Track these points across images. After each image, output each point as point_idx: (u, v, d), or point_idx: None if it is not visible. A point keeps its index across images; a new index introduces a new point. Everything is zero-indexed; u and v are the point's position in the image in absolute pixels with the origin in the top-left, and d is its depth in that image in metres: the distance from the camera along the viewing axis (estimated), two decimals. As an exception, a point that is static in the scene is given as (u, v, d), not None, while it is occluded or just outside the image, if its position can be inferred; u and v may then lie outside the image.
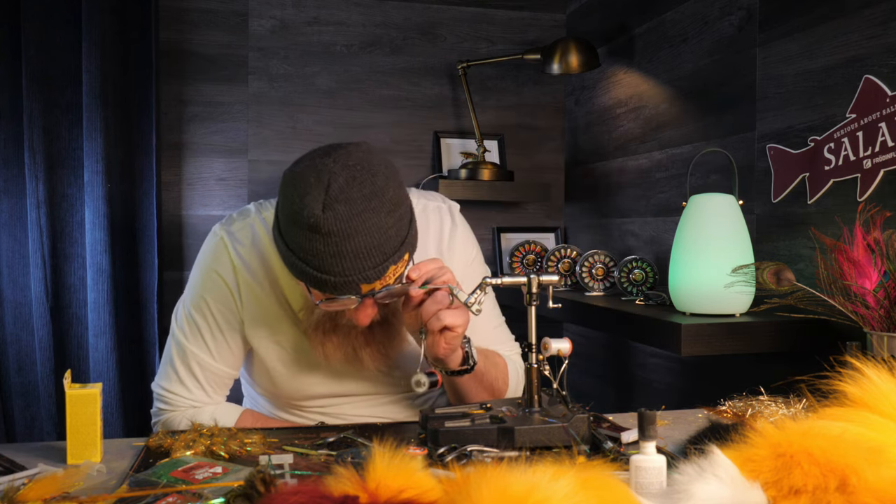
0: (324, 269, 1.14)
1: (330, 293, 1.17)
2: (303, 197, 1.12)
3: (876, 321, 1.31)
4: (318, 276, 1.14)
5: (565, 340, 1.22)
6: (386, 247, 1.15)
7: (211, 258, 1.41)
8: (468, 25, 2.91)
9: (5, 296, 2.40)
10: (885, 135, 1.53)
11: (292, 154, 2.74)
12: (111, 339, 2.38)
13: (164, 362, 1.46)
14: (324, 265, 1.13)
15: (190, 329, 1.42)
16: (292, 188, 1.15)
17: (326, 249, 1.12)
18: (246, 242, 1.40)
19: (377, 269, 1.15)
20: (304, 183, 1.13)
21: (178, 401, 1.44)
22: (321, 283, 1.15)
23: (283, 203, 1.17)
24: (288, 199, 1.15)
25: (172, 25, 2.65)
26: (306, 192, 1.12)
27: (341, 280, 1.14)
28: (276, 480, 0.77)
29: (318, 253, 1.13)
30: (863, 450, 0.81)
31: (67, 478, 0.96)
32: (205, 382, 1.43)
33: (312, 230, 1.12)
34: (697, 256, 1.70)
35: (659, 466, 0.87)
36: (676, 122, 2.28)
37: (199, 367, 1.42)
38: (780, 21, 1.84)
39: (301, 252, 1.14)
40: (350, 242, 1.12)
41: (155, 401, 1.47)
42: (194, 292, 1.42)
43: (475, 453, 1.06)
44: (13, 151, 2.40)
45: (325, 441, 1.15)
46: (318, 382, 1.44)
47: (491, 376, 1.42)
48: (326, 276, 1.14)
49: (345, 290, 1.16)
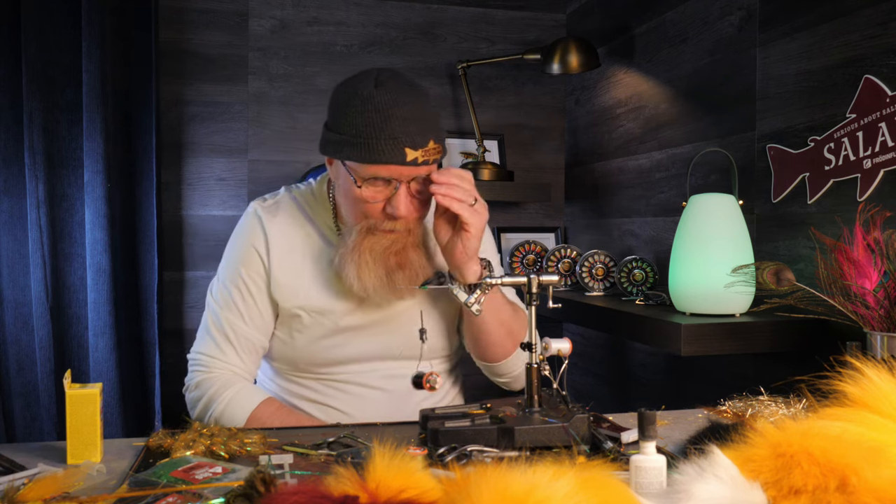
0: (374, 135, 1.30)
1: (377, 159, 1.31)
2: (355, 86, 1.34)
3: (876, 321, 1.31)
4: (369, 142, 1.30)
5: (565, 340, 1.22)
6: (427, 122, 1.33)
7: (242, 229, 1.54)
8: (468, 25, 2.91)
9: (5, 296, 2.40)
10: (885, 135, 1.53)
11: (292, 154, 2.76)
12: (111, 339, 2.38)
13: (200, 332, 1.54)
14: (374, 131, 1.30)
15: (223, 298, 1.51)
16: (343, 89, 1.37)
17: (377, 116, 1.30)
18: (277, 213, 1.52)
19: (421, 137, 1.32)
20: (354, 79, 1.37)
21: (213, 363, 1.50)
22: (371, 149, 1.30)
23: (335, 103, 1.38)
24: (340, 97, 1.36)
25: (172, 25, 2.65)
26: (357, 82, 1.34)
27: (390, 143, 1.30)
28: (276, 480, 0.77)
29: (370, 122, 1.30)
30: (863, 450, 0.81)
31: (67, 478, 0.96)
32: (238, 347, 1.50)
33: (365, 102, 1.31)
34: (697, 256, 1.70)
35: (659, 466, 0.87)
36: (676, 122, 2.28)
37: (233, 332, 1.49)
38: (780, 21, 1.84)
39: (352, 130, 1.32)
40: (399, 109, 1.31)
41: (190, 369, 1.53)
42: (227, 264, 1.53)
43: (475, 453, 1.06)
44: (13, 151, 2.40)
45: (325, 441, 1.15)
46: (338, 344, 1.51)
47: (507, 314, 1.50)
48: (376, 141, 1.30)
49: (392, 154, 1.30)
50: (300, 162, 2.77)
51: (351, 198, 1.38)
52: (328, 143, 1.39)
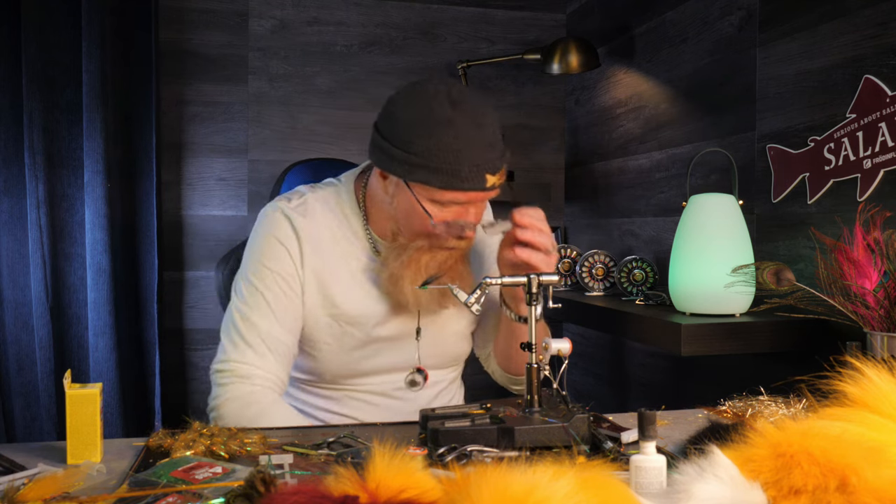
0: (457, 161, 1.24)
1: (459, 186, 1.26)
2: (429, 105, 1.26)
3: (876, 321, 1.31)
4: (452, 169, 1.24)
5: (565, 340, 1.22)
6: (500, 142, 1.29)
7: (270, 227, 1.42)
8: (468, 25, 2.91)
9: (5, 296, 2.40)
10: (885, 135, 1.53)
11: (292, 154, 2.75)
12: (111, 338, 2.38)
13: (226, 338, 1.41)
14: (457, 157, 1.24)
15: (252, 298, 1.40)
16: (408, 105, 1.29)
17: (459, 142, 1.24)
18: (305, 214, 1.43)
19: (500, 160, 1.29)
20: (422, 95, 1.28)
21: (249, 370, 1.37)
22: (454, 176, 1.25)
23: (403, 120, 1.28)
24: (408, 114, 1.28)
25: (172, 25, 2.65)
26: (429, 100, 1.26)
27: (473, 170, 1.25)
28: (276, 480, 0.77)
29: (451, 148, 1.24)
30: (863, 450, 0.81)
31: (67, 478, 0.95)
32: (276, 354, 1.39)
33: (444, 126, 1.24)
34: (697, 256, 1.70)
35: (659, 466, 0.87)
36: (676, 122, 2.28)
37: (271, 338, 1.39)
38: (780, 21, 1.84)
39: (431, 154, 1.25)
40: (479, 133, 1.26)
41: (222, 381, 1.37)
42: (253, 262, 1.42)
43: (475, 453, 1.06)
44: (13, 151, 2.40)
45: (325, 441, 1.15)
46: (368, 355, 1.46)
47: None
48: (459, 167, 1.25)
49: (475, 181, 1.26)
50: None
51: (414, 215, 1.32)
52: (395, 162, 1.29)
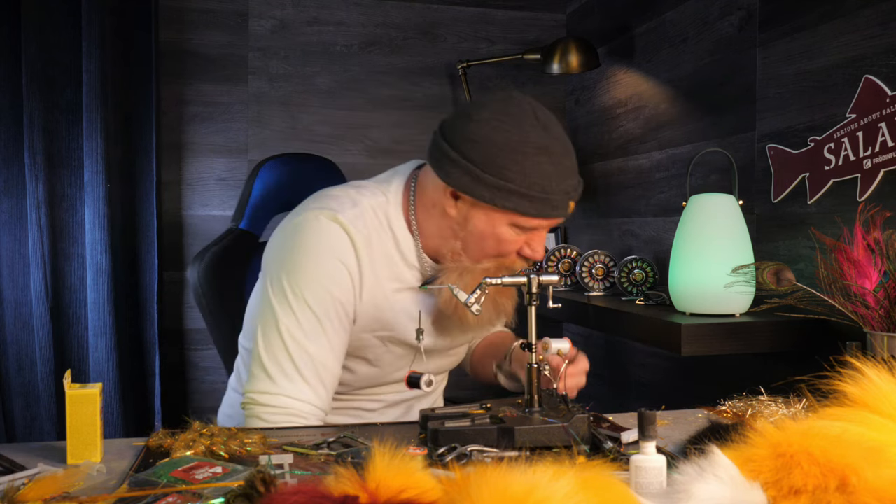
0: (552, 190, 1.24)
1: (551, 214, 1.27)
2: (519, 126, 1.24)
3: (876, 321, 1.31)
4: (547, 198, 1.24)
5: (565, 340, 1.22)
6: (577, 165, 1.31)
7: (329, 243, 1.29)
8: (468, 25, 2.91)
9: (5, 296, 2.40)
10: (885, 135, 1.53)
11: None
12: (111, 339, 2.38)
13: (273, 364, 1.27)
14: (552, 185, 1.24)
15: (309, 324, 1.28)
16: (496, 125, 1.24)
17: (554, 169, 1.24)
18: (362, 227, 1.32)
19: (581, 186, 1.30)
20: (510, 115, 1.25)
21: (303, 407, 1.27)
22: (547, 204, 1.25)
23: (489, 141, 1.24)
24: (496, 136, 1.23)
25: (172, 25, 2.65)
26: (519, 122, 1.24)
27: (563, 198, 1.26)
28: (276, 480, 0.77)
29: (548, 176, 1.23)
30: (863, 450, 0.81)
31: (67, 478, 0.95)
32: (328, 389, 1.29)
33: (540, 152, 1.23)
34: (697, 256, 1.70)
35: (659, 466, 0.87)
36: (676, 122, 2.28)
37: (325, 371, 1.29)
38: (780, 21, 1.84)
39: (527, 181, 1.22)
40: (568, 158, 1.28)
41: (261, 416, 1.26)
42: (311, 281, 1.28)
43: (475, 453, 1.06)
44: (13, 151, 2.40)
45: (325, 441, 1.14)
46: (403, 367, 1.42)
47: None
48: (553, 196, 1.24)
49: (563, 209, 1.27)
50: (300, 162, 2.77)
51: (490, 238, 1.29)
52: (483, 186, 1.24)
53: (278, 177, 2.06)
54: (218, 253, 1.88)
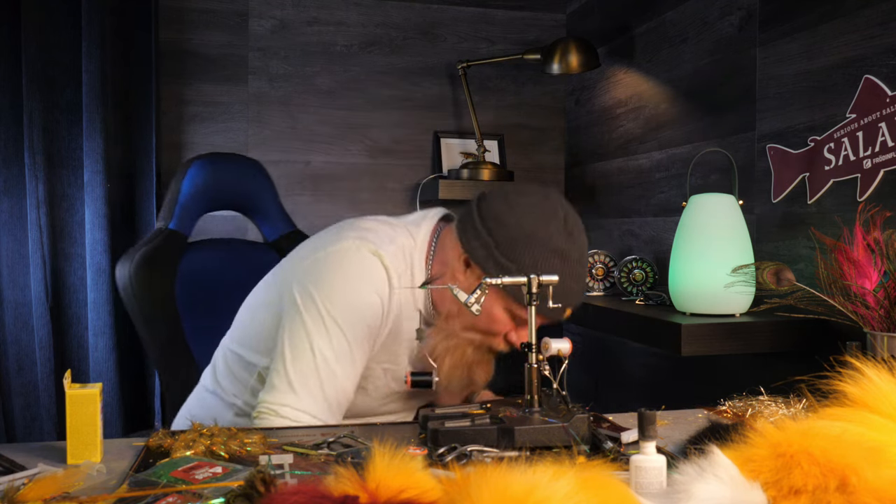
0: (565, 297, 1.26)
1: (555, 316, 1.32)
2: (546, 224, 1.30)
3: (876, 321, 1.31)
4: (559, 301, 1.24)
5: (565, 340, 1.22)
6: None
7: (371, 276, 1.34)
8: (468, 25, 2.91)
9: (5, 296, 2.40)
10: (885, 135, 1.53)
11: (292, 154, 2.76)
12: (111, 338, 2.39)
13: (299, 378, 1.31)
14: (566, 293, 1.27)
15: (340, 347, 1.32)
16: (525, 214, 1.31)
17: (567, 272, 1.29)
18: (398, 265, 1.37)
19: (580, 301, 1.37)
20: (542, 213, 1.32)
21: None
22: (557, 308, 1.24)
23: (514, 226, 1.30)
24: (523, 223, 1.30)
25: (172, 25, 2.65)
26: (547, 220, 1.31)
27: (564, 304, 1.27)
28: (276, 480, 0.77)
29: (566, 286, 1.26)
30: (863, 450, 0.81)
31: (67, 478, 0.95)
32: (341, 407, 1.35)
33: (558, 255, 1.29)
34: (697, 256, 1.70)
35: (659, 466, 0.87)
36: (676, 122, 2.28)
37: (341, 389, 1.33)
38: (780, 21, 1.84)
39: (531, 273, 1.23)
40: (580, 269, 1.33)
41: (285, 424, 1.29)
42: (349, 310, 1.33)
43: (475, 453, 1.06)
44: (13, 151, 2.40)
45: (325, 441, 1.14)
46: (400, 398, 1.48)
47: None
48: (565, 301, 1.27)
49: (560, 313, 1.32)
50: (300, 162, 2.77)
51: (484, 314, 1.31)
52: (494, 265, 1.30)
53: (206, 177, 2.05)
54: (148, 253, 1.87)
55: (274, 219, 2.20)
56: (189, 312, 1.94)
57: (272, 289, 1.46)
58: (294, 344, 1.32)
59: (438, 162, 2.85)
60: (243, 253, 2.15)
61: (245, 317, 1.52)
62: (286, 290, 1.38)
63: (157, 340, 1.87)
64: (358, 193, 2.82)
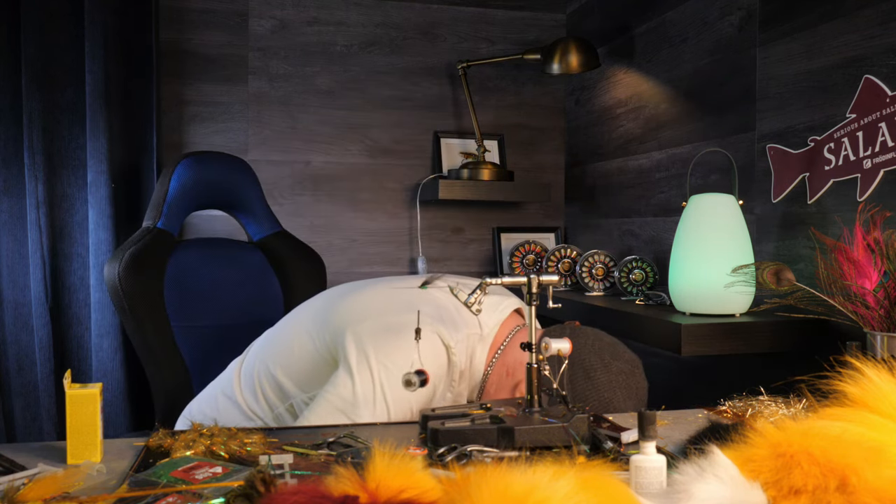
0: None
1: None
2: (610, 387, 1.36)
3: (876, 321, 1.31)
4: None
5: (565, 340, 1.22)
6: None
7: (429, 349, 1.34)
8: (468, 25, 2.91)
9: (5, 296, 2.40)
10: (885, 135, 1.53)
11: (292, 154, 2.76)
12: (115, 338, 2.39)
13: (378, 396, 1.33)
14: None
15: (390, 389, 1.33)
16: (602, 373, 1.37)
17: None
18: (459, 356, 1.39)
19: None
20: (619, 377, 1.37)
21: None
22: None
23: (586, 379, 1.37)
24: (594, 377, 1.36)
25: (172, 25, 2.65)
26: (612, 385, 1.37)
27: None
28: (276, 480, 0.77)
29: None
30: (863, 450, 0.81)
31: (67, 478, 0.95)
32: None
33: (608, 405, 1.35)
34: (697, 256, 1.70)
35: (659, 466, 0.87)
36: (676, 122, 2.28)
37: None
38: (780, 21, 1.84)
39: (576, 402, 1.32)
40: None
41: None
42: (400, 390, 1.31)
43: (475, 453, 1.06)
44: (13, 151, 2.39)
45: (325, 441, 1.14)
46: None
47: None
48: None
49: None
50: (300, 162, 2.77)
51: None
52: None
53: (193, 175, 2.06)
54: (137, 252, 1.88)
55: (260, 218, 2.21)
56: (177, 311, 1.95)
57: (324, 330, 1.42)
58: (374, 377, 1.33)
59: (438, 162, 2.85)
60: (230, 252, 2.16)
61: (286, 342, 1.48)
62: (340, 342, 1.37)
63: (146, 339, 1.87)
64: (358, 193, 2.82)
